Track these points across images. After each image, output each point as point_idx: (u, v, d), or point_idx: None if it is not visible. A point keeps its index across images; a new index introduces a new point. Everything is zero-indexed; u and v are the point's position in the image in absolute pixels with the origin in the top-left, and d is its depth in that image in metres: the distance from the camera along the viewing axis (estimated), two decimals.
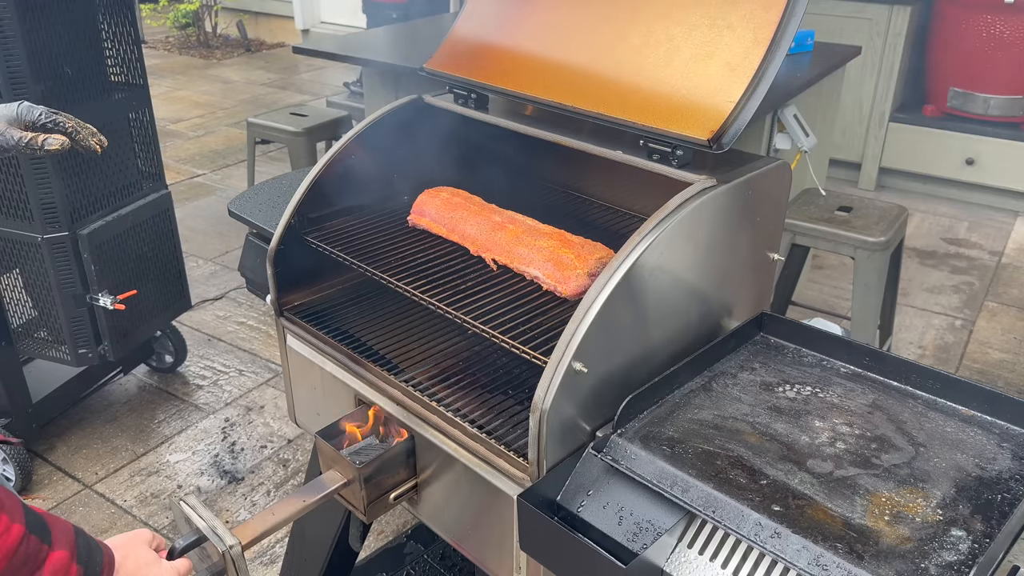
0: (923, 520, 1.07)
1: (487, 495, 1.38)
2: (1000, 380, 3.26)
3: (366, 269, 1.57)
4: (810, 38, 3.23)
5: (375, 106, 3.37)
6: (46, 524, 0.97)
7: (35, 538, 0.93)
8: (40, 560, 0.94)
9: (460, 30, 1.75)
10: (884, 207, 2.73)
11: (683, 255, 1.33)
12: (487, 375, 1.56)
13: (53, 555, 0.95)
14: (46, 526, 0.97)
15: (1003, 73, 4.53)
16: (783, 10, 1.31)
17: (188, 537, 1.28)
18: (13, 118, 1.40)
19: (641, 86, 1.43)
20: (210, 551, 1.30)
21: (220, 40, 8.51)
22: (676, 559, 1.16)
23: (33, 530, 0.93)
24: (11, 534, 0.90)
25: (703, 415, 1.29)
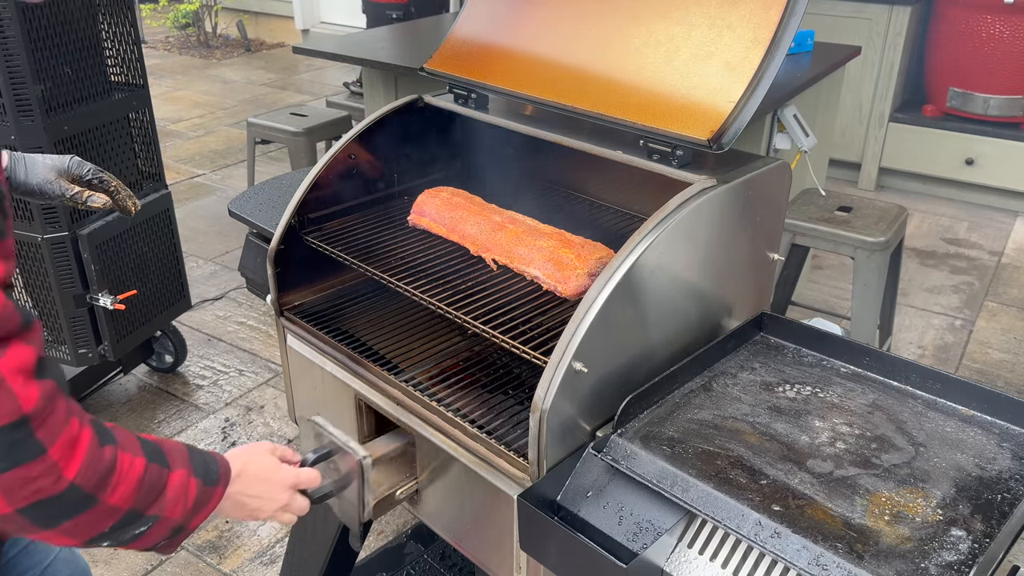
0: (923, 520, 1.07)
1: (487, 495, 1.38)
2: (1000, 380, 3.26)
3: (366, 269, 1.57)
4: (810, 38, 3.23)
5: (375, 106, 3.37)
6: (161, 450, 1.03)
7: (155, 466, 1.00)
8: (163, 484, 1.01)
9: (460, 30, 1.75)
10: (884, 207, 2.73)
11: (683, 255, 1.33)
12: (487, 375, 1.56)
13: (173, 476, 1.02)
14: (162, 452, 1.03)
15: (1003, 73, 4.53)
16: (783, 10, 1.31)
17: (319, 450, 1.41)
18: (63, 170, 1.53)
19: (641, 86, 1.43)
20: (339, 464, 1.42)
21: (220, 40, 8.51)
22: (676, 559, 1.16)
23: (152, 459, 1.00)
24: (135, 468, 0.97)
25: (703, 415, 1.29)
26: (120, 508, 0.96)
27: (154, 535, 1.03)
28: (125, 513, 0.97)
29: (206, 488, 1.09)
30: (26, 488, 0.87)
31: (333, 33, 7.65)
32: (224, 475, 1.13)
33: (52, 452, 0.87)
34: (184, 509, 1.05)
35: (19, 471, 0.86)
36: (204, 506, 1.09)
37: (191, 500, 1.06)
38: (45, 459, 0.87)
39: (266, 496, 1.21)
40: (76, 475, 0.90)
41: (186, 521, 1.06)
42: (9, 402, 0.84)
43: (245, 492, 1.17)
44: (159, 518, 1.01)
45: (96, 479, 0.92)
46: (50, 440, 0.87)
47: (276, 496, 1.23)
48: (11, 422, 0.84)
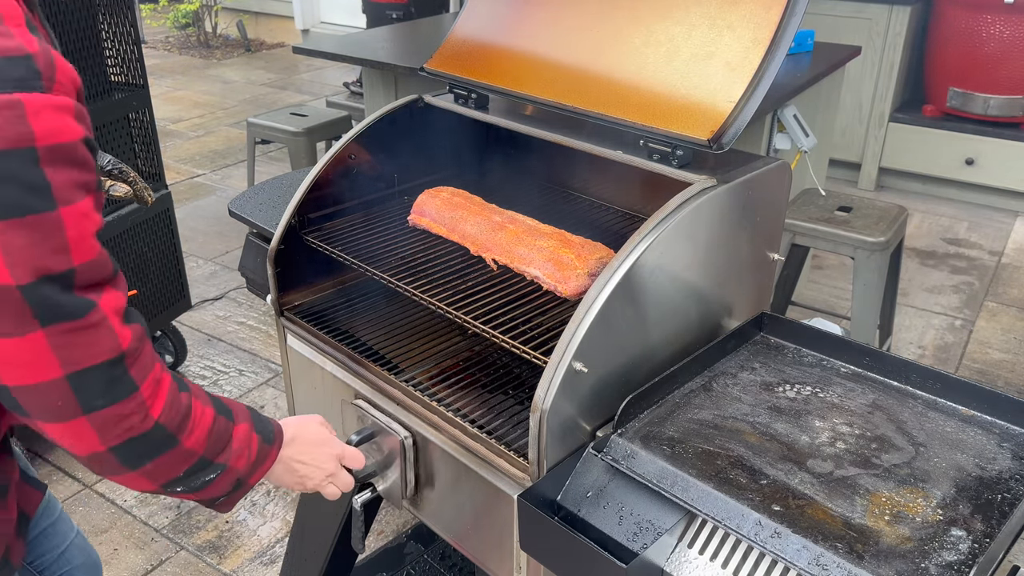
0: (923, 520, 1.07)
1: (487, 495, 1.38)
2: (1000, 380, 3.26)
3: (366, 269, 1.57)
4: (810, 38, 3.23)
5: (375, 106, 3.37)
6: (227, 406, 1.10)
7: (222, 417, 1.06)
8: (229, 434, 1.07)
9: (460, 30, 1.75)
10: (884, 207, 2.73)
11: (683, 255, 1.33)
12: (487, 375, 1.56)
13: (237, 429, 1.08)
14: (227, 408, 1.09)
15: (1002, 73, 4.53)
16: (783, 10, 1.31)
17: (362, 432, 1.49)
18: None
19: (641, 86, 1.43)
20: (382, 445, 1.49)
21: (220, 40, 8.51)
22: (676, 559, 1.16)
23: (219, 411, 1.06)
24: (207, 416, 1.03)
25: (703, 415, 1.29)
26: (195, 452, 1.01)
27: (220, 484, 1.08)
28: (199, 458, 1.02)
29: (264, 446, 1.14)
30: (120, 426, 0.91)
31: (333, 33, 7.65)
32: (278, 436, 1.17)
33: (143, 390, 0.92)
34: (248, 461, 1.10)
35: (116, 408, 0.90)
36: (262, 464, 1.14)
37: (254, 453, 1.11)
38: (136, 396, 0.91)
39: (315, 463, 1.25)
40: (160, 414, 0.95)
41: (248, 475, 1.11)
42: (110, 339, 0.88)
43: (296, 458, 1.22)
44: (226, 467, 1.06)
45: (177, 420, 0.97)
46: (140, 378, 0.92)
47: (324, 465, 1.26)
48: (111, 359, 0.88)
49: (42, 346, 0.84)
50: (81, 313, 0.85)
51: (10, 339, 0.83)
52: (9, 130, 0.78)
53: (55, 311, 0.83)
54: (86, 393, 0.88)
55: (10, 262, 0.80)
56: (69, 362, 0.86)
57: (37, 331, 0.83)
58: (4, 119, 0.78)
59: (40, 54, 0.82)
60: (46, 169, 0.81)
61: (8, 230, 0.79)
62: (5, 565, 1.08)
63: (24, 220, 0.80)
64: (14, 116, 0.78)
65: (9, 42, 0.81)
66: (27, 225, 0.80)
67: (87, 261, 0.86)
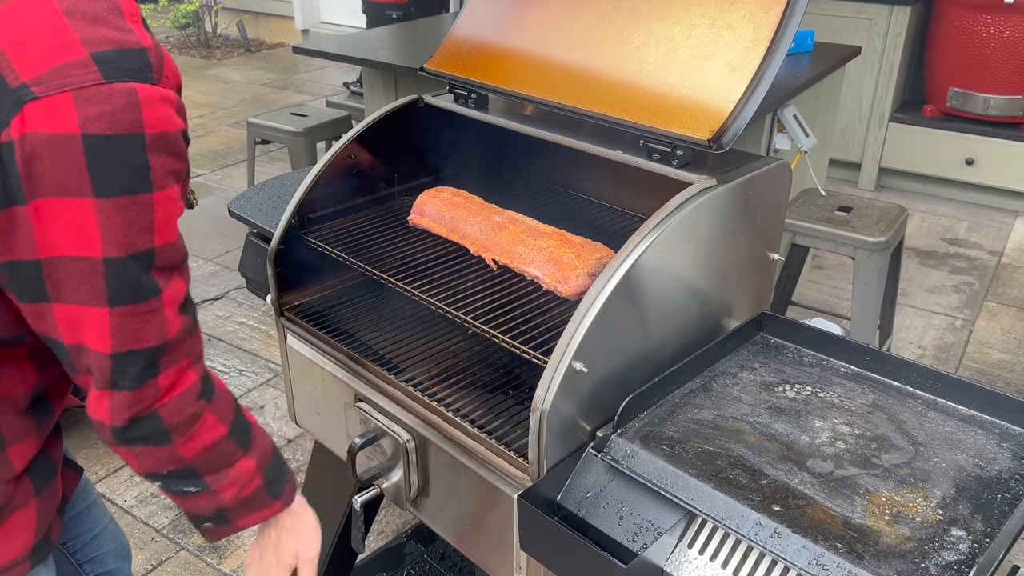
0: (923, 520, 1.07)
1: (487, 495, 1.38)
2: (1000, 380, 3.26)
3: (366, 269, 1.57)
4: (810, 38, 3.23)
5: (375, 106, 3.37)
6: (250, 435, 1.10)
7: (233, 443, 1.06)
8: (231, 461, 1.06)
9: (460, 30, 1.75)
10: (884, 207, 2.73)
11: (683, 255, 1.33)
12: (487, 375, 1.56)
13: (242, 462, 1.08)
14: (249, 437, 1.09)
15: (1003, 73, 4.53)
16: (783, 10, 1.31)
17: (366, 435, 1.51)
18: None
19: (641, 86, 1.43)
20: (385, 447, 1.50)
21: (220, 40, 8.51)
22: (676, 559, 1.16)
23: (233, 436, 1.06)
24: (214, 431, 1.04)
25: (703, 415, 1.29)
26: (183, 459, 1.02)
27: (200, 502, 1.08)
28: (184, 467, 1.02)
29: (267, 495, 1.13)
30: (131, 408, 0.96)
31: (333, 33, 7.65)
32: (288, 495, 1.17)
33: (162, 378, 0.96)
34: (236, 497, 1.09)
35: (136, 392, 0.95)
36: (258, 508, 1.13)
37: (247, 491, 1.10)
38: (154, 383, 0.96)
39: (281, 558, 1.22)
40: (163, 406, 0.97)
41: (235, 510, 1.10)
42: (162, 328, 0.94)
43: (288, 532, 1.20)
44: (209, 488, 1.06)
45: (177, 419, 0.99)
46: (166, 365, 0.96)
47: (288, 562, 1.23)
48: (155, 345, 0.94)
49: (104, 322, 0.90)
50: (146, 297, 0.92)
51: (81, 307, 0.89)
52: (123, 116, 0.84)
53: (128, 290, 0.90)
54: (121, 374, 0.93)
55: (105, 238, 0.86)
56: (120, 342, 0.92)
57: (104, 308, 0.89)
58: (120, 106, 0.83)
59: (152, 48, 0.89)
60: (150, 155, 0.86)
61: (108, 207, 0.85)
62: (46, 542, 1.11)
63: (124, 200, 0.86)
64: (129, 103, 0.84)
65: (128, 36, 0.87)
66: (126, 204, 0.86)
67: (167, 243, 0.92)
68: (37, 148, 0.82)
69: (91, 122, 0.82)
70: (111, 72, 0.84)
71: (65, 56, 0.83)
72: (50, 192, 0.84)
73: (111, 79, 0.83)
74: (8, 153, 0.82)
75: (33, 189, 0.84)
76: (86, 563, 1.40)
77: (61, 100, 0.82)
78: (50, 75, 0.82)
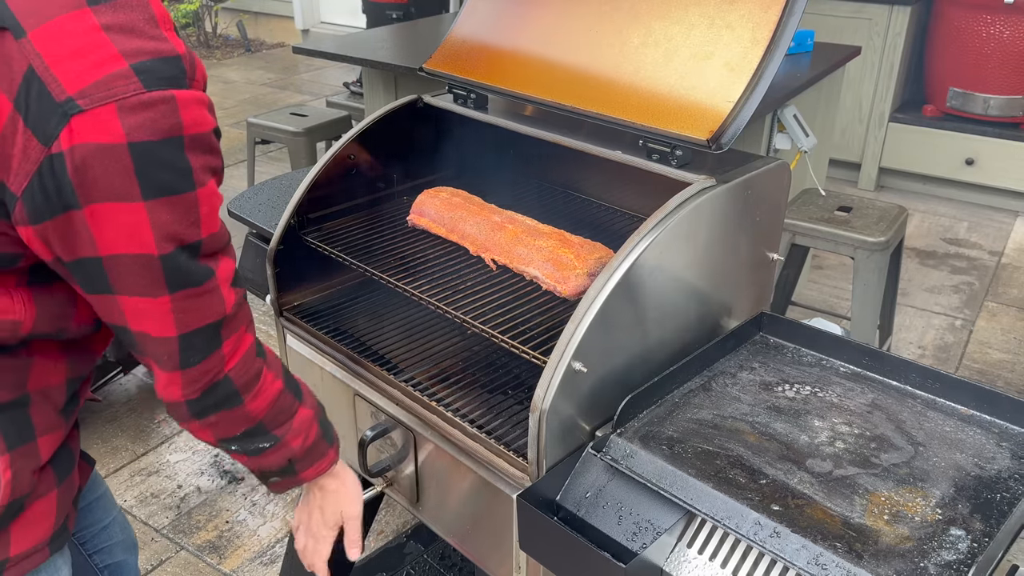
0: (922, 519, 1.07)
1: (487, 495, 1.38)
2: (1000, 380, 3.26)
3: (366, 269, 1.57)
4: (810, 38, 3.23)
5: (375, 106, 3.37)
6: (300, 388, 1.20)
7: (290, 394, 1.16)
8: (292, 412, 1.17)
9: (460, 30, 1.75)
10: (884, 207, 2.73)
11: (682, 255, 1.33)
12: (487, 375, 1.56)
13: (301, 411, 1.18)
14: (300, 389, 1.20)
15: (1002, 73, 4.53)
16: (782, 10, 1.31)
17: (376, 427, 1.53)
18: None
19: (640, 86, 1.43)
20: (396, 440, 1.53)
21: (220, 40, 8.51)
22: (676, 558, 1.16)
23: (289, 388, 1.16)
24: (275, 385, 1.13)
25: (703, 415, 1.29)
26: (254, 416, 1.11)
27: (273, 457, 1.17)
28: (256, 424, 1.12)
29: (324, 441, 1.23)
30: (201, 380, 1.04)
31: (333, 33, 7.65)
32: (336, 443, 1.27)
33: (224, 346, 1.05)
34: (303, 444, 1.19)
35: (203, 364, 1.03)
36: (318, 459, 1.23)
37: (310, 439, 1.20)
38: (219, 352, 1.04)
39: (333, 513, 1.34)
40: (231, 369, 1.06)
41: (301, 458, 1.20)
42: (219, 304, 1.02)
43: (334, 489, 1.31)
44: (280, 440, 1.16)
45: (245, 379, 1.08)
46: (227, 335, 1.04)
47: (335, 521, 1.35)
48: (215, 321, 1.02)
49: (166, 308, 0.98)
50: (202, 280, 0.99)
51: (143, 298, 0.96)
52: (164, 122, 0.89)
53: (183, 277, 0.97)
54: (188, 352, 1.01)
55: (157, 235, 0.93)
56: (183, 324, 0.99)
57: (165, 295, 0.97)
58: (161, 112, 0.89)
59: (186, 55, 0.94)
60: (189, 155, 0.92)
61: (158, 207, 0.92)
62: (64, 531, 1.15)
63: (170, 199, 0.92)
64: (169, 110, 0.89)
65: (164, 44, 0.92)
66: (172, 203, 0.93)
67: (212, 233, 0.99)
68: (87, 158, 0.87)
69: (135, 130, 0.88)
70: (151, 81, 0.88)
71: (107, 69, 0.87)
72: (102, 197, 0.89)
73: (151, 87, 0.88)
74: (59, 163, 0.87)
75: (86, 195, 0.89)
76: (95, 553, 1.44)
77: (106, 112, 0.87)
78: (94, 88, 0.86)
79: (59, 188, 0.88)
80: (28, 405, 1.07)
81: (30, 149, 0.88)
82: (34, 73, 0.87)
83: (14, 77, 0.87)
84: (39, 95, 0.87)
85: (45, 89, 0.86)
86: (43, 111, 0.87)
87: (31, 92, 0.87)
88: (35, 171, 0.88)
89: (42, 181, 0.88)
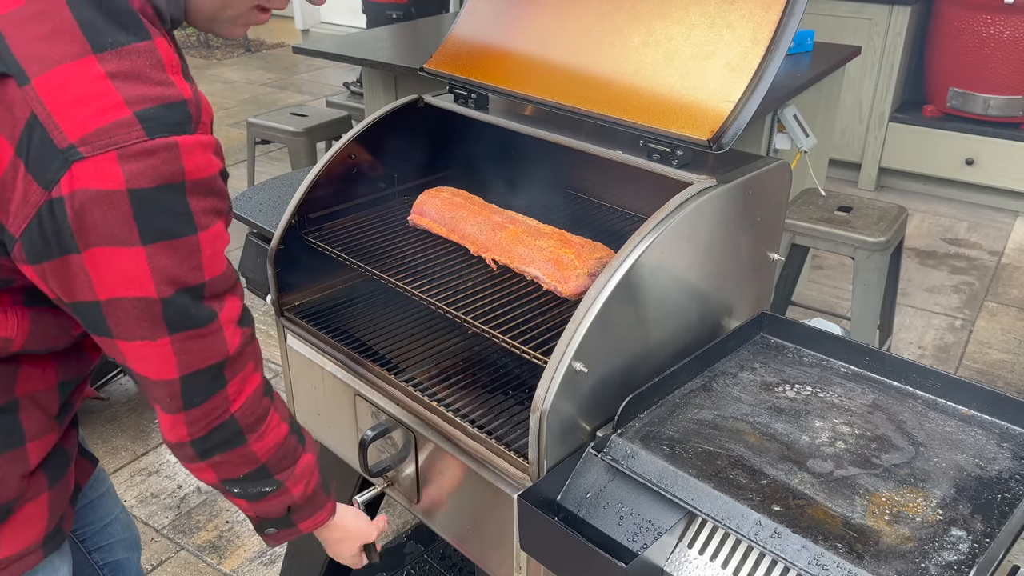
0: (923, 520, 1.07)
1: (487, 495, 1.38)
2: (1000, 380, 3.26)
3: (366, 269, 1.57)
4: (810, 38, 3.23)
5: (375, 106, 3.37)
6: (303, 432, 1.19)
7: (295, 437, 1.16)
8: (296, 457, 1.16)
9: (460, 30, 1.75)
10: (884, 207, 2.73)
11: (683, 255, 1.33)
12: (487, 375, 1.56)
13: (304, 458, 1.18)
14: (303, 434, 1.19)
15: (1002, 73, 4.53)
16: (782, 10, 1.31)
17: (377, 427, 1.52)
18: None
19: (641, 86, 1.43)
20: (396, 440, 1.53)
21: (220, 40, 8.51)
22: (676, 559, 1.16)
23: (294, 432, 1.16)
24: (281, 428, 1.13)
25: (703, 415, 1.29)
26: (259, 458, 1.10)
27: (274, 503, 1.16)
28: (260, 466, 1.11)
29: (322, 492, 1.23)
30: (206, 419, 1.03)
31: (333, 33, 7.65)
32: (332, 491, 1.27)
33: (230, 386, 1.04)
34: (303, 492, 1.18)
35: (208, 404, 1.02)
36: (317, 510, 1.23)
37: (310, 488, 1.20)
38: (224, 392, 1.03)
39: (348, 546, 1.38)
40: (238, 409, 1.05)
41: (300, 507, 1.20)
42: (221, 345, 1.01)
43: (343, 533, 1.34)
44: (282, 486, 1.15)
45: (251, 419, 1.07)
46: (231, 375, 1.04)
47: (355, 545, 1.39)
48: (218, 361, 1.01)
49: (167, 350, 0.97)
50: (204, 322, 0.98)
51: (144, 342, 0.96)
52: (165, 169, 0.89)
53: (184, 320, 0.97)
54: (191, 393, 1.01)
55: (156, 279, 0.93)
56: (185, 365, 0.99)
57: (165, 337, 0.96)
58: (162, 160, 0.89)
59: (192, 100, 0.93)
60: (191, 199, 0.92)
61: (157, 252, 0.92)
62: (58, 532, 1.15)
63: (170, 243, 0.92)
64: (171, 156, 0.89)
65: (170, 90, 0.92)
66: (172, 247, 0.93)
67: (216, 275, 0.99)
68: (86, 204, 0.87)
69: (135, 177, 0.88)
70: (154, 128, 0.88)
71: (109, 117, 0.87)
72: (101, 242, 0.89)
73: (154, 135, 0.88)
74: (59, 208, 0.88)
75: (85, 239, 0.89)
76: (95, 551, 1.44)
77: (106, 159, 0.87)
78: (95, 135, 0.86)
79: (58, 232, 0.89)
80: (17, 410, 1.06)
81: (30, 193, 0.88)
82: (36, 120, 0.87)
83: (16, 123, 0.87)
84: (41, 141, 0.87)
85: (47, 136, 0.87)
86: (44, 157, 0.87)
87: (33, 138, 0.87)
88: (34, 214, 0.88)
89: (41, 224, 0.89)
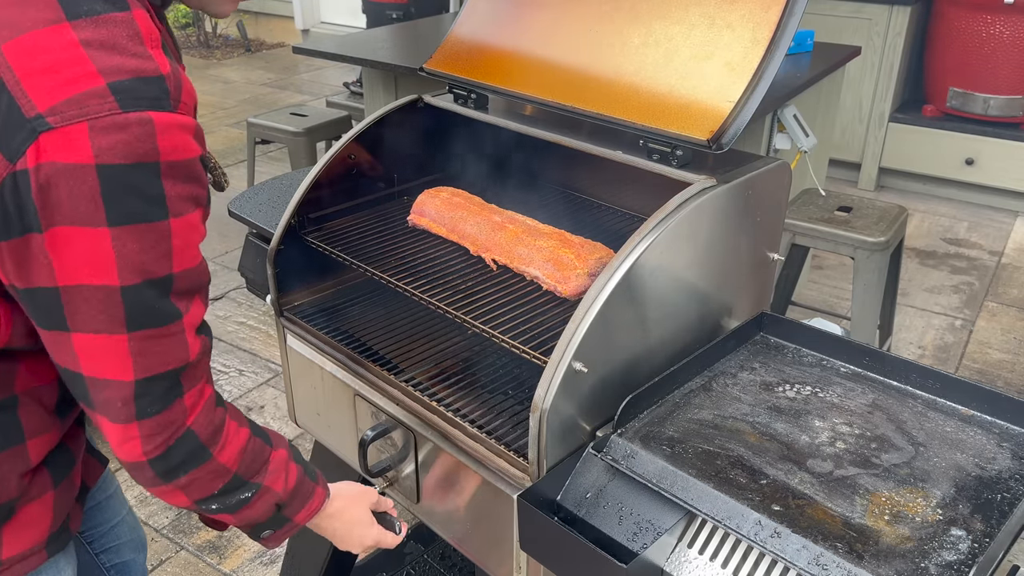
0: (923, 520, 1.07)
1: (487, 495, 1.38)
2: (1000, 380, 3.26)
3: (366, 269, 1.57)
4: (810, 38, 3.24)
5: (375, 106, 3.37)
6: (265, 431, 1.14)
7: (258, 439, 1.10)
8: (265, 457, 1.10)
9: (460, 30, 1.75)
10: (884, 207, 2.73)
11: (683, 255, 1.33)
12: (487, 375, 1.56)
13: (274, 454, 1.12)
14: (267, 434, 1.14)
15: (1002, 73, 4.53)
16: (782, 9, 1.31)
17: (377, 427, 1.52)
18: None
19: (640, 86, 1.43)
20: (396, 440, 1.53)
21: (220, 40, 8.51)
22: (676, 559, 1.16)
23: (256, 433, 1.10)
24: (241, 433, 1.07)
25: (703, 415, 1.29)
26: (228, 468, 1.04)
27: (258, 506, 1.10)
28: (232, 476, 1.05)
29: (308, 480, 1.18)
30: (162, 434, 0.96)
31: (333, 33, 7.65)
32: (321, 479, 1.22)
33: (187, 397, 0.97)
34: (285, 486, 1.13)
35: (163, 415, 0.95)
36: (308, 498, 1.18)
37: (292, 479, 1.14)
38: (180, 403, 0.97)
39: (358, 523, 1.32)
40: (194, 422, 0.99)
41: (288, 501, 1.14)
42: (183, 351, 0.95)
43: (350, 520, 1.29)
44: (261, 487, 1.09)
45: (210, 431, 1.01)
46: (188, 386, 0.97)
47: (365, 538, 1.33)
48: (176, 368, 0.95)
49: (123, 348, 0.90)
50: (166, 321, 0.92)
51: (99, 335, 0.89)
52: (139, 146, 0.84)
53: (146, 315, 0.90)
54: (145, 400, 0.93)
55: (121, 265, 0.87)
56: (142, 368, 0.92)
57: (123, 333, 0.90)
58: (135, 135, 0.83)
59: (171, 75, 0.88)
60: (165, 182, 0.87)
61: (123, 235, 0.86)
62: (64, 531, 1.12)
63: (139, 227, 0.86)
64: (144, 133, 0.84)
65: (147, 63, 0.86)
66: (141, 232, 0.86)
67: (186, 269, 0.92)
68: (52, 177, 0.82)
69: (105, 152, 0.82)
70: (128, 101, 0.83)
71: (81, 86, 0.83)
72: (65, 221, 0.84)
73: (127, 108, 0.83)
74: (24, 182, 0.83)
75: (48, 217, 0.84)
76: (102, 553, 1.42)
77: (76, 130, 0.82)
78: (66, 105, 0.82)
79: (20, 208, 0.84)
80: (16, 407, 1.03)
81: None
82: (4, 87, 0.83)
83: None
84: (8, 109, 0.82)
85: (15, 103, 0.82)
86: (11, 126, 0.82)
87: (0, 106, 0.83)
88: None
89: (3, 199, 0.84)
